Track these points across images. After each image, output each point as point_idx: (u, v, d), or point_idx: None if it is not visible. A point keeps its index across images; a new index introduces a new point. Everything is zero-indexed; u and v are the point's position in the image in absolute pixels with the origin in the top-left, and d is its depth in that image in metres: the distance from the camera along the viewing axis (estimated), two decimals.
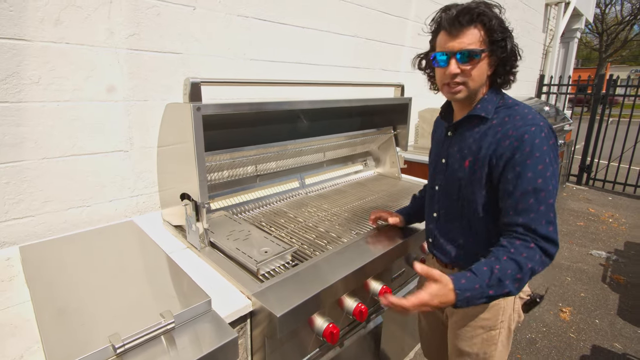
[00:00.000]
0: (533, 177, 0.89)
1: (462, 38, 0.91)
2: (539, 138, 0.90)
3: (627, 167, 5.37)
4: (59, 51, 1.29)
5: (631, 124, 5.07)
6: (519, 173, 0.90)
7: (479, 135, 1.00)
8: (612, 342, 2.24)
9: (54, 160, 1.35)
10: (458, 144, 1.05)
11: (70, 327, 0.82)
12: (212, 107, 1.20)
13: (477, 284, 0.85)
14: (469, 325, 1.10)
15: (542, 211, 0.88)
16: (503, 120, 0.97)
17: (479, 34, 0.91)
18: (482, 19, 0.90)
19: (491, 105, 1.00)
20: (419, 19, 3.06)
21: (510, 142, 0.92)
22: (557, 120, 4.31)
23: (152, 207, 1.66)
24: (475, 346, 1.10)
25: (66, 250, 1.22)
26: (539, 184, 0.88)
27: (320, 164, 2.12)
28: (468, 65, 0.93)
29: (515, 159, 0.90)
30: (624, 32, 19.29)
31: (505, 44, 0.93)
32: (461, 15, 0.90)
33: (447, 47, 0.94)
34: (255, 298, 1.01)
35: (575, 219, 4.32)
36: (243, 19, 1.82)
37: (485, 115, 0.99)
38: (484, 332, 1.09)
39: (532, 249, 0.88)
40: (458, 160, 1.04)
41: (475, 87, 0.97)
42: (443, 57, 0.94)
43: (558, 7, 5.96)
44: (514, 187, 0.91)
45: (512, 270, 0.86)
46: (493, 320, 1.08)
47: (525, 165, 0.89)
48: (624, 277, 3.01)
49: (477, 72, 0.94)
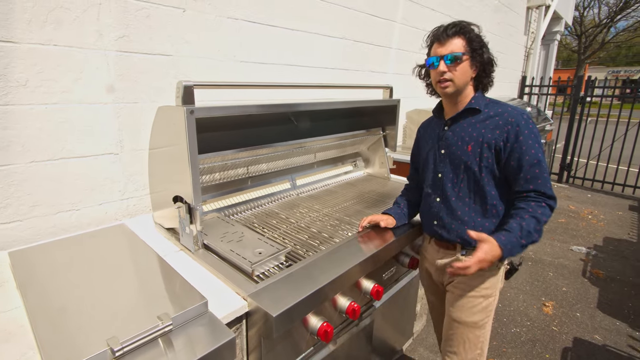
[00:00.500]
0: (535, 153, 1.15)
1: (449, 45, 1.18)
2: (531, 124, 1.18)
3: (605, 165, 5.57)
4: (47, 53, 1.27)
5: (608, 124, 5.26)
6: (525, 151, 1.15)
7: (476, 124, 1.24)
8: (593, 334, 2.33)
9: (42, 163, 1.33)
10: (457, 133, 1.27)
11: (67, 332, 0.82)
12: (205, 110, 1.21)
13: (514, 237, 1.12)
14: (470, 297, 1.28)
15: (546, 177, 1.16)
16: (497, 112, 1.22)
17: (461, 42, 1.18)
18: (463, 32, 1.18)
19: (482, 101, 1.26)
20: (406, 22, 3.12)
21: (512, 127, 1.17)
22: (539, 121, 4.45)
23: (143, 210, 1.65)
24: (476, 315, 1.28)
25: (57, 254, 1.21)
26: (540, 157, 1.15)
27: (311, 165, 2.14)
28: (453, 65, 1.18)
29: (520, 140, 1.16)
30: (601, 35, 19.95)
31: (482, 52, 1.21)
32: (448, 29, 1.19)
33: (437, 52, 1.21)
34: (251, 299, 1.02)
35: (556, 215, 4.47)
36: (233, 21, 1.83)
37: (480, 108, 1.24)
38: (484, 300, 1.28)
39: (544, 207, 1.15)
40: (460, 147, 1.26)
41: (460, 84, 1.21)
42: (435, 61, 1.21)
43: (539, 11, 6.13)
44: (524, 162, 1.16)
45: (534, 224, 1.13)
46: (491, 289, 1.29)
47: (528, 145, 1.15)
48: (603, 272, 3.13)
49: (461, 72, 1.19)
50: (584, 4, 19.27)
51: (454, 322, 1.32)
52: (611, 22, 19.14)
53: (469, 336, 1.29)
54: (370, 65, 2.85)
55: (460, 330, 1.30)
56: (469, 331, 1.29)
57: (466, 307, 1.29)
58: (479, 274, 1.26)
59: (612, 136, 5.14)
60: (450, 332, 1.34)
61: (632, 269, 3.19)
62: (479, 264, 1.10)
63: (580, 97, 5.42)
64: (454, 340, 1.33)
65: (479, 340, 1.30)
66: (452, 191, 1.30)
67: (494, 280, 1.29)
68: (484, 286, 1.28)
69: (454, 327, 1.33)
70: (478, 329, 1.29)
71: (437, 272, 1.43)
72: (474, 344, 1.29)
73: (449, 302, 1.34)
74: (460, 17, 3.95)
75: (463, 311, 1.29)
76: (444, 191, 1.32)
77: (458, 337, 1.31)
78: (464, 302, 1.29)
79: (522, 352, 2.17)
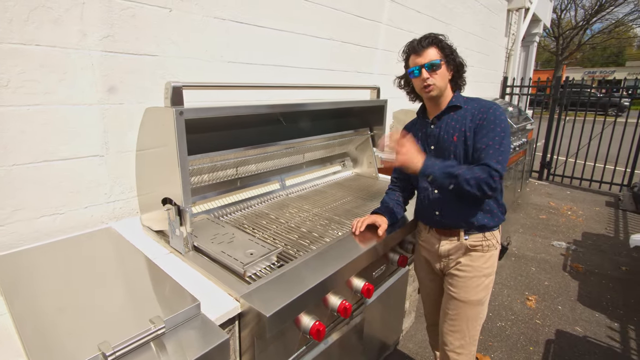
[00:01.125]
0: (497, 137, 1.27)
1: (426, 55, 1.32)
2: (499, 112, 1.31)
3: (582, 163, 5.77)
4: (29, 53, 1.24)
5: (585, 123, 5.45)
6: (487, 133, 1.28)
7: (458, 118, 1.37)
8: (574, 326, 2.42)
9: (24, 166, 1.30)
10: (443, 129, 1.39)
11: (56, 337, 0.81)
12: (194, 111, 1.20)
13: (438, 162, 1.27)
14: (474, 277, 1.39)
15: (492, 155, 1.25)
16: (474, 106, 1.36)
17: (436, 51, 1.32)
18: (435, 42, 1.33)
19: (461, 99, 1.40)
20: (392, 23, 3.16)
21: (483, 114, 1.31)
22: (520, 120, 4.56)
23: (130, 213, 1.63)
24: (480, 293, 1.40)
25: (43, 259, 1.18)
26: (500, 141, 1.27)
27: (300, 166, 2.15)
28: (433, 71, 1.32)
29: (484, 125, 1.29)
30: (577, 37, 20.63)
31: (454, 57, 1.36)
32: (422, 41, 1.33)
33: (416, 62, 1.34)
34: (243, 300, 1.02)
35: (537, 212, 4.60)
36: (220, 21, 1.82)
37: (460, 105, 1.38)
38: (486, 279, 1.40)
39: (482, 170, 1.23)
40: (447, 139, 1.37)
41: (441, 87, 1.35)
42: (416, 70, 1.34)
43: (519, 13, 6.30)
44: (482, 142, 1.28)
45: (463, 170, 1.24)
46: (491, 268, 1.42)
47: (490, 130, 1.28)
48: (582, 266, 3.24)
49: (440, 76, 1.33)
50: (561, 6, 19.89)
51: (459, 302, 1.42)
52: (587, 25, 19.81)
53: (472, 313, 1.41)
54: (357, 66, 2.88)
55: (464, 309, 1.41)
56: (472, 308, 1.40)
57: (471, 287, 1.39)
58: (481, 255, 1.39)
59: (590, 135, 5.32)
60: (454, 312, 1.43)
61: (610, 263, 3.32)
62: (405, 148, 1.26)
63: (558, 97, 5.60)
64: (457, 319, 1.43)
65: (479, 316, 1.43)
66: None
67: (493, 259, 1.42)
68: (485, 266, 1.40)
69: (458, 307, 1.42)
70: (480, 305, 1.42)
71: (438, 258, 1.48)
72: (475, 320, 1.42)
73: (453, 285, 1.43)
74: (444, 18, 4.03)
75: (468, 291, 1.40)
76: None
77: (462, 316, 1.42)
78: (469, 283, 1.40)
79: (507, 346, 2.23)
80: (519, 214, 4.50)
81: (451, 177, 1.24)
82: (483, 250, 1.39)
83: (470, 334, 1.42)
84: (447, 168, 1.25)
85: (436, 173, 1.25)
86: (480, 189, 1.22)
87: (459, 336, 1.43)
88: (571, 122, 5.63)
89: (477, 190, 1.22)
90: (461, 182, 1.23)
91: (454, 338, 1.44)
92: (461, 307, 1.41)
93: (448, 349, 1.45)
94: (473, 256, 1.40)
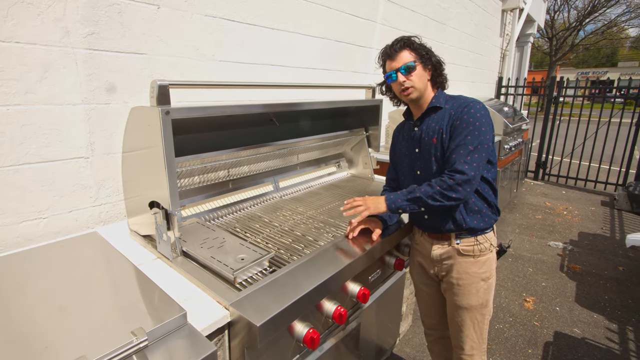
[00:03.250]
0: (469, 137, 1.23)
1: (400, 59, 1.31)
2: (475, 109, 1.27)
3: (577, 163, 5.78)
4: (8, 51, 1.19)
5: (580, 123, 5.47)
6: (459, 133, 1.25)
7: (437, 119, 1.34)
8: (572, 328, 2.39)
9: (4, 169, 1.24)
10: (424, 131, 1.37)
11: (31, 352, 0.75)
12: (182, 110, 1.15)
13: (400, 194, 1.30)
14: (472, 283, 1.36)
15: (463, 155, 1.23)
16: (453, 105, 1.33)
17: (409, 53, 1.31)
18: (408, 44, 1.32)
19: (442, 98, 1.37)
20: (386, 22, 3.13)
21: (457, 115, 1.28)
22: (515, 120, 4.55)
23: (117, 217, 1.57)
24: (481, 297, 1.38)
25: (23, 266, 1.12)
26: (472, 141, 1.23)
27: (294, 167, 2.10)
28: (409, 74, 1.31)
29: (457, 125, 1.27)
30: (570, 37, 20.80)
31: (430, 56, 1.33)
32: (395, 45, 1.33)
33: (392, 67, 1.33)
34: (233, 308, 0.98)
35: (533, 212, 4.59)
36: (211, 19, 1.77)
37: (440, 105, 1.35)
38: (484, 283, 1.38)
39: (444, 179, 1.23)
40: (427, 142, 1.35)
41: (420, 87, 1.33)
42: (392, 74, 1.33)
43: (513, 14, 6.32)
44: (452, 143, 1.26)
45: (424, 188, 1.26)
46: (489, 272, 1.38)
47: (462, 129, 1.25)
48: (579, 266, 3.23)
49: (417, 77, 1.32)
50: (555, 7, 20.05)
51: (461, 308, 1.39)
52: (580, 26, 19.98)
53: (477, 317, 1.39)
54: (352, 66, 2.84)
55: (468, 314, 1.39)
56: (476, 312, 1.39)
57: (472, 293, 1.37)
58: (475, 261, 1.36)
59: (584, 135, 5.33)
60: (460, 319, 1.41)
61: (607, 263, 3.31)
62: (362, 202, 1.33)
63: (553, 97, 5.61)
64: (464, 325, 1.41)
65: (484, 318, 1.41)
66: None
67: (489, 263, 1.39)
68: (481, 271, 1.37)
69: (462, 314, 1.40)
70: (484, 307, 1.40)
71: (431, 263, 1.45)
72: (482, 321, 1.41)
73: (452, 293, 1.40)
74: (439, 17, 4.01)
75: (470, 297, 1.37)
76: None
77: (467, 321, 1.40)
78: (468, 290, 1.37)
79: (505, 348, 2.20)
80: (515, 214, 4.48)
81: (415, 201, 1.27)
82: (475, 256, 1.35)
83: (479, 334, 1.42)
84: (408, 195, 1.29)
85: (401, 204, 1.29)
86: (448, 198, 1.22)
87: (469, 340, 1.42)
88: (566, 121, 5.63)
89: (446, 201, 1.23)
90: (427, 201, 1.24)
91: (464, 342, 1.43)
92: (465, 313, 1.40)
93: (461, 353, 1.45)
94: (467, 262, 1.36)
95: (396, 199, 1.30)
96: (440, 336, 1.62)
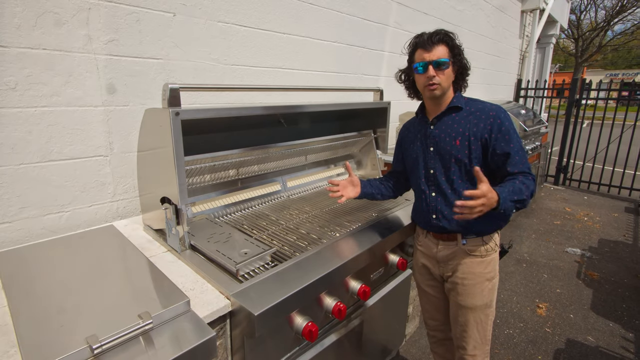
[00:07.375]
0: (516, 141, 1.29)
1: (435, 52, 1.26)
2: (508, 118, 1.31)
3: (601, 168, 5.58)
4: (36, 57, 1.29)
5: (604, 126, 5.29)
6: (508, 140, 1.28)
7: (460, 120, 1.33)
8: (586, 336, 2.33)
9: (31, 166, 1.35)
10: (443, 131, 1.36)
11: (48, 330, 0.83)
12: (191, 112, 1.22)
13: (507, 190, 1.20)
14: (477, 283, 1.38)
15: (526, 161, 1.29)
16: (478, 107, 1.33)
17: (445, 49, 1.28)
18: (446, 40, 1.28)
19: (462, 100, 1.36)
20: (399, 25, 3.15)
21: (494, 120, 1.29)
22: (534, 123, 4.46)
23: (133, 212, 1.67)
24: (485, 297, 1.39)
25: (44, 255, 1.22)
26: (520, 144, 1.29)
27: (302, 167, 2.16)
28: (440, 70, 1.27)
29: (502, 131, 1.28)
30: (598, 38, 20.05)
31: (461, 58, 1.32)
32: (433, 37, 1.27)
33: (424, 57, 1.28)
34: (234, 298, 1.03)
35: (552, 217, 4.47)
36: (223, 24, 1.85)
37: (461, 106, 1.35)
38: (489, 283, 1.39)
39: (530, 180, 1.26)
40: (448, 142, 1.34)
41: (445, 87, 1.31)
42: (423, 65, 1.28)
43: (533, 14, 6.18)
44: (510, 150, 1.28)
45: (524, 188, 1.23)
46: (493, 272, 1.40)
47: (510, 135, 1.28)
48: (597, 273, 3.13)
49: (446, 76, 1.29)
50: (581, 7, 19.40)
51: (466, 309, 1.41)
52: (608, 26, 19.24)
53: (481, 317, 1.41)
54: (363, 69, 2.88)
55: (472, 314, 1.40)
56: (480, 313, 1.40)
57: (476, 293, 1.38)
58: (481, 261, 1.37)
59: (608, 138, 5.15)
60: (463, 319, 1.43)
61: (627, 271, 3.19)
62: (483, 199, 1.13)
63: (575, 100, 5.45)
64: (468, 325, 1.42)
65: (488, 318, 1.43)
66: (446, 184, 1.37)
67: (494, 263, 1.41)
68: (486, 271, 1.38)
69: (466, 314, 1.41)
70: (488, 308, 1.42)
71: (436, 264, 1.47)
72: (485, 322, 1.42)
73: (457, 293, 1.42)
74: (454, 20, 3.99)
75: (474, 297, 1.39)
76: (438, 185, 1.39)
77: (471, 321, 1.41)
78: (473, 290, 1.38)
79: (514, 354, 2.17)
80: (532, 220, 4.38)
81: (518, 203, 1.22)
82: (482, 256, 1.37)
83: (482, 334, 1.43)
84: (513, 195, 1.20)
85: (507, 205, 1.19)
86: (531, 198, 1.26)
87: (472, 340, 1.43)
88: (589, 125, 5.46)
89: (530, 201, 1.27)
90: (526, 203, 1.25)
91: (467, 342, 1.44)
92: (469, 313, 1.41)
93: (464, 353, 1.46)
94: (473, 262, 1.37)
95: (505, 201, 1.18)
96: (444, 337, 1.63)
